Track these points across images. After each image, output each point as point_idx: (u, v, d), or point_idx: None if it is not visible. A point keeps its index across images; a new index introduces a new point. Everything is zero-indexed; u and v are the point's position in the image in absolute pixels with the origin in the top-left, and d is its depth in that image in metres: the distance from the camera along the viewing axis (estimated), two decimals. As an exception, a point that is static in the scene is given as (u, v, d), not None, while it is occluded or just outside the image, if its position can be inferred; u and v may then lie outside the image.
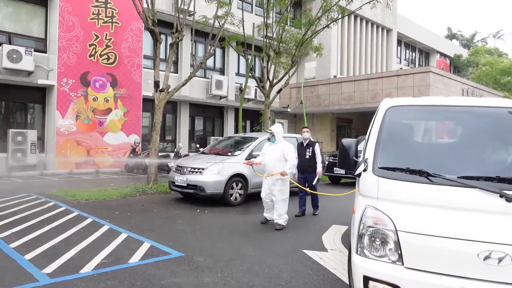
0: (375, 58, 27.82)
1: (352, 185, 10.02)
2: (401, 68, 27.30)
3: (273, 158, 6.83)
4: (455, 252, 2.67)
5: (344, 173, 13.66)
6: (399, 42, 31.04)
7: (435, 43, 35.17)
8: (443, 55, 37.14)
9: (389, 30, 28.69)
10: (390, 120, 3.39)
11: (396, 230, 2.79)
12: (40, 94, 15.42)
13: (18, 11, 14.90)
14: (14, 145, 13.95)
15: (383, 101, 3.74)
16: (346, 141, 3.40)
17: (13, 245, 5.35)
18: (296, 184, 7.46)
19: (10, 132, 14.00)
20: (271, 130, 6.89)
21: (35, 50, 14.53)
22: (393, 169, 3.00)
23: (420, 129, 3.82)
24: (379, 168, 3.04)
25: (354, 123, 26.73)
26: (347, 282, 4.38)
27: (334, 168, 13.98)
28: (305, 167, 7.90)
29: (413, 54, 34.07)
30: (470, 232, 2.66)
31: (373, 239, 2.87)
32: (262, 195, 7.04)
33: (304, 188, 7.87)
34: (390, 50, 28.90)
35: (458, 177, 2.82)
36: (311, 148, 8.02)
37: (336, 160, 14.10)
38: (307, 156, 7.94)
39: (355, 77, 22.14)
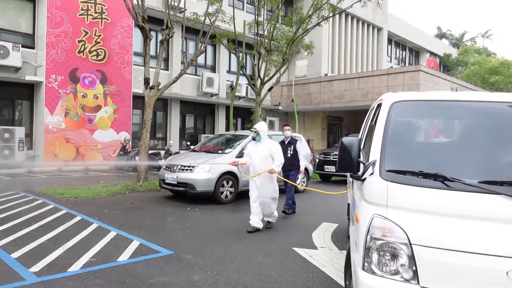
0: (366, 57, 27.95)
1: (343, 183, 10.07)
2: (391, 67, 27.49)
3: (259, 157, 6.52)
4: (479, 269, 2.32)
5: (334, 170, 13.71)
6: (389, 41, 31.24)
7: (425, 42, 35.45)
8: (433, 54, 37.46)
9: (379, 29, 28.84)
10: (396, 116, 3.05)
11: (410, 244, 2.43)
12: (28, 90, 15.22)
13: (5, 6, 14.66)
14: (1, 142, 13.76)
15: (385, 96, 3.43)
16: (347, 140, 2.99)
17: (-1, 243, 5.28)
18: (284, 179, 7.38)
19: (-3, 129, 13.80)
20: (255, 128, 6.57)
21: (22, 46, 14.33)
22: (404, 173, 2.66)
23: (430, 127, 3.48)
24: (387, 171, 2.68)
25: (345, 121, 26.84)
26: (336, 280, 4.41)
27: (325, 166, 14.04)
28: (287, 165, 7.55)
29: (403, 53, 34.31)
30: (496, 246, 2.32)
31: (382, 253, 2.50)
32: (250, 195, 6.66)
33: (292, 182, 7.73)
34: (380, 49, 29.07)
35: (479, 182, 2.49)
36: (292, 146, 7.95)
37: (327, 158, 14.16)
38: (289, 155, 7.81)
39: (346, 75, 22.22)
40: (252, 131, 6.76)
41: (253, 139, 6.64)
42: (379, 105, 3.50)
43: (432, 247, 2.40)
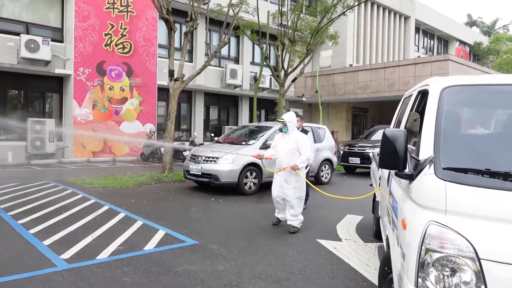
0: (392, 46, 27.31)
1: (368, 175, 9.92)
2: (418, 56, 26.73)
3: (286, 150, 5.96)
4: None
5: (359, 162, 13.54)
6: (417, 30, 30.36)
7: (454, 30, 34.29)
8: (462, 42, 36.23)
9: (406, 18, 28.07)
10: (449, 104, 2.63)
11: (478, 258, 2.02)
12: (58, 83, 15.63)
13: (35, 1, 15.04)
14: (33, 133, 14.22)
15: (431, 81, 3.00)
16: (391, 132, 2.53)
17: (32, 231, 5.48)
18: (307, 181, 6.33)
19: (29, 121, 14.26)
20: (282, 119, 6.00)
21: (52, 40, 14.69)
22: (464, 171, 2.28)
23: (490, 116, 3.02)
24: (443, 169, 2.29)
25: (370, 112, 26.42)
26: (361, 272, 4.37)
27: (349, 158, 13.87)
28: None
29: (432, 42, 33.32)
30: None
31: (441, 268, 2.10)
32: (273, 194, 6.23)
33: (315, 187, 7.06)
34: (407, 38, 28.32)
35: None
36: None
37: (351, 150, 13.99)
38: None
39: (372, 65, 21.79)
40: (279, 121, 6.21)
41: (280, 130, 6.09)
42: (424, 92, 3.13)
43: (507, 263, 1.99)
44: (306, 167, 6.46)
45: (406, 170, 2.52)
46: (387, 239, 3.20)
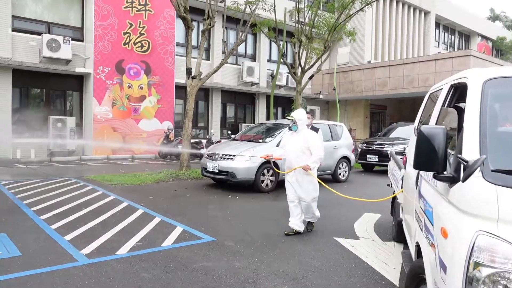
0: (412, 42, 26.85)
1: (386, 173, 9.81)
2: (439, 52, 26.23)
3: (295, 150, 5.58)
4: None
5: (377, 160, 13.39)
6: (437, 25, 29.76)
7: (476, 25, 33.47)
8: (484, 37, 35.34)
9: (426, 13, 27.55)
10: (494, 99, 2.38)
11: None
12: (78, 82, 15.92)
13: (56, 1, 15.34)
14: (54, 131, 14.53)
15: (469, 73, 2.72)
16: (428, 129, 2.29)
17: (54, 226, 5.60)
18: (322, 183, 5.72)
19: (50, 119, 14.58)
20: (292, 116, 5.60)
21: (72, 39, 14.96)
22: None
23: None
24: (493, 171, 2.04)
25: (388, 109, 26.08)
26: (379, 271, 4.33)
27: (367, 156, 13.73)
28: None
29: (452, 37, 32.61)
30: None
31: (492, 285, 1.84)
32: (287, 195, 5.77)
33: (331, 188, 6.58)
34: (427, 34, 27.80)
35: None
36: None
37: (369, 147, 13.83)
38: None
39: (390, 62, 21.49)
40: (288, 119, 5.77)
41: (290, 129, 5.71)
42: (458, 86, 2.89)
43: None
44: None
45: (446, 172, 2.28)
46: (417, 246, 2.88)
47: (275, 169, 6.78)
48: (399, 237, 5.11)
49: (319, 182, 5.67)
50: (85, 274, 3.97)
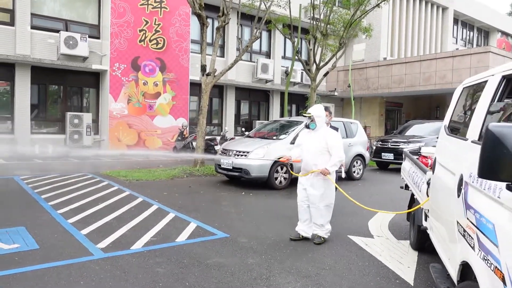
0: (429, 39, 26.41)
1: (400, 170, 9.72)
2: (457, 49, 25.76)
3: (313, 150, 5.08)
4: None
5: (392, 158, 13.24)
6: (455, 21, 29.20)
7: (496, 21, 32.72)
8: (504, 33, 34.54)
9: (444, 9, 27.06)
10: None
11: None
12: (95, 78, 16.13)
13: (73, -1, 15.56)
14: (71, 127, 14.78)
15: None
16: (499, 128, 1.88)
17: (70, 220, 5.71)
18: (340, 190, 5.17)
19: (68, 115, 14.82)
20: (309, 113, 5.07)
21: (89, 36, 15.15)
22: None
23: None
24: None
25: (404, 107, 25.74)
26: (393, 270, 4.29)
27: (382, 154, 13.59)
28: None
29: (471, 33, 31.96)
30: None
31: None
32: (298, 199, 5.34)
33: (349, 197, 5.39)
34: (445, 30, 27.30)
35: None
36: None
37: (384, 145, 13.69)
38: None
39: (407, 58, 21.19)
40: (305, 116, 5.23)
41: (307, 126, 5.17)
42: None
43: None
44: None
45: None
46: (462, 265, 2.53)
47: (291, 171, 6.34)
48: (419, 245, 4.77)
49: (340, 190, 5.21)
50: (100, 268, 4.04)
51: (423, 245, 4.69)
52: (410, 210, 5.02)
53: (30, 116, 14.50)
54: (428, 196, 3.93)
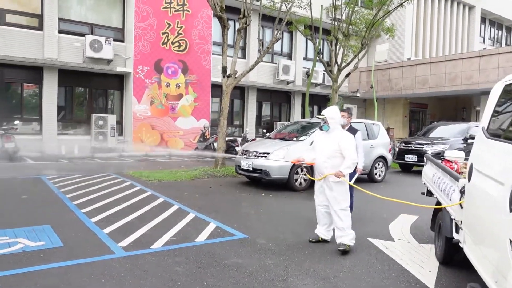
0: (455, 38, 25.79)
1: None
2: (484, 48, 25.06)
3: (326, 153, 4.97)
4: None
5: (416, 160, 12.99)
6: (482, 20, 28.40)
7: (526, 19, 31.66)
8: (535, 32, 33.37)
9: (471, 7, 26.37)
10: None
11: None
12: (119, 81, 16.49)
13: (99, 3, 15.95)
14: (96, 128, 15.14)
15: None
16: None
17: (94, 219, 5.85)
18: (359, 188, 5.19)
19: (93, 117, 15.20)
20: (322, 115, 4.96)
21: (114, 40, 15.51)
22: None
23: None
24: None
25: (429, 108, 25.24)
26: (414, 274, 4.21)
27: (405, 156, 13.35)
28: None
29: (499, 32, 31.01)
30: None
31: None
32: (316, 203, 5.27)
33: (371, 193, 5.26)
34: (472, 29, 26.61)
35: None
36: None
37: (407, 147, 13.45)
38: None
39: (431, 59, 20.78)
40: (318, 118, 5.13)
41: (321, 129, 5.07)
42: None
43: None
44: (353, 172, 5.60)
45: None
46: None
47: (309, 176, 5.97)
48: (447, 258, 4.38)
49: (351, 186, 5.20)
50: (121, 266, 4.12)
51: (451, 258, 4.34)
52: (435, 206, 4.71)
53: (57, 117, 14.93)
54: (461, 206, 3.62)
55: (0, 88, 14.38)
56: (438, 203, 4.72)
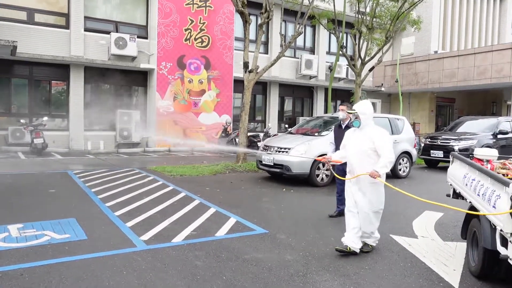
0: (485, 30, 24.89)
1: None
2: (516, 40, 24.11)
3: (359, 152, 4.61)
4: None
5: (442, 156, 12.66)
6: (515, 10, 27.30)
7: (562, 8, 30.24)
8: None
9: (502, -3, 25.41)
10: None
11: None
12: (142, 77, 16.73)
13: (123, 1, 16.20)
14: (121, 124, 15.43)
15: None
16: None
17: (117, 213, 5.97)
18: (397, 189, 4.76)
19: (118, 113, 15.49)
20: (353, 110, 4.65)
21: (137, 37, 15.71)
22: None
23: None
24: None
25: (457, 102, 24.51)
26: (438, 272, 4.11)
27: (431, 151, 13.03)
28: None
29: (533, 23, 29.74)
30: None
31: None
32: (346, 206, 4.82)
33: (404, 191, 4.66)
34: (503, 20, 25.62)
35: None
36: None
37: (433, 142, 13.13)
38: None
39: (459, 51, 20.16)
40: (349, 113, 4.89)
41: (347, 126, 4.64)
42: None
43: None
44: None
45: None
46: None
47: (335, 174, 5.50)
48: (485, 271, 3.85)
49: (395, 189, 4.80)
50: (143, 259, 4.19)
51: (490, 272, 3.83)
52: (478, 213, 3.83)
53: (84, 114, 15.29)
54: None
55: (29, 85, 14.84)
56: (472, 208, 4.19)
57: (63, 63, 14.79)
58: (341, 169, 5.44)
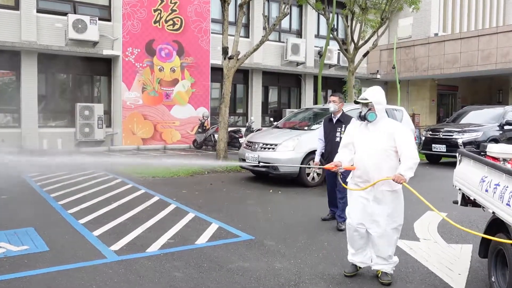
0: (489, 10, 25.48)
1: (453, 165, 9.57)
2: (523, 21, 24.79)
3: (376, 151, 4.11)
4: None
5: (444, 150, 12.99)
6: (522, -12, 28.06)
7: None
8: None
9: (508, -27, 26.07)
10: None
11: None
12: (106, 65, 16.56)
13: (82, -23, 15.97)
14: (81, 119, 15.25)
15: None
16: None
17: (82, 221, 5.96)
18: (414, 191, 4.10)
19: (77, 106, 15.30)
20: (366, 99, 4.11)
21: (99, 19, 15.52)
22: None
23: None
24: None
25: (460, 90, 25.08)
26: (441, 277, 4.27)
27: (433, 145, 13.34)
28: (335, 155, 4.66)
29: (541, 2, 30.62)
30: None
31: None
32: (350, 219, 4.29)
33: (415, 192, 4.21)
34: (509, 0, 26.30)
35: None
36: (343, 126, 6.05)
37: (435, 135, 13.44)
38: (338, 139, 5.99)
39: (462, 34, 20.64)
40: (358, 103, 4.21)
41: (361, 118, 4.14)
42: None
43: None
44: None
45: None
46: None
47: (342, 183, 4.62)
48: None
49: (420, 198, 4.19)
50: (114, 272, 4.22)
51: None
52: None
53: (38, 108, 15.05)
54: None
55: (-27, 75, 14.54)
56: (495, 220, 3.79)
57: (12, 50, 14.49)
58: (345, 175, 4.82)
